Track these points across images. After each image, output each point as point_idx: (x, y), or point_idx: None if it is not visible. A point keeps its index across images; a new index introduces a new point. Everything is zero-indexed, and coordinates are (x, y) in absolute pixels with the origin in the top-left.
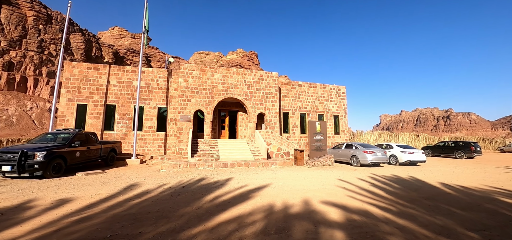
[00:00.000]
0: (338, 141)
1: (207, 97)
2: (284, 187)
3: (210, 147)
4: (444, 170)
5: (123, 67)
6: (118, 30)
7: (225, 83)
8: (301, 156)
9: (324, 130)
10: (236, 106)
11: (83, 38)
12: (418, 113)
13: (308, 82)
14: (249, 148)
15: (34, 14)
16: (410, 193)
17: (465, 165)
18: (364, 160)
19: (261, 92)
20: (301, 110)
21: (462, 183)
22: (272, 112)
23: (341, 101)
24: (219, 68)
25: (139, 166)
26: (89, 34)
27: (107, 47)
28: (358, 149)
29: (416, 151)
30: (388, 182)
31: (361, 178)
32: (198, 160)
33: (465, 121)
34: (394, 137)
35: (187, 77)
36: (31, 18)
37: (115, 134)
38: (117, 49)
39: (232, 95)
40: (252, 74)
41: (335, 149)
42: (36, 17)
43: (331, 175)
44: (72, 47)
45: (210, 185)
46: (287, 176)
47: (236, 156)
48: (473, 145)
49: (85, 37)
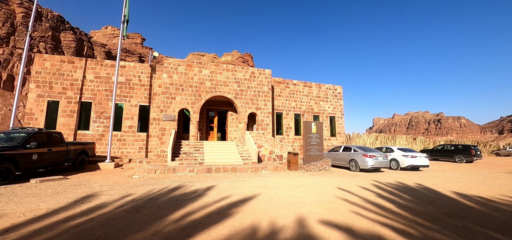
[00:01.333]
0: (334, 144)
1: (194, 95)
2: (274, 199)
3: (194, 150)
4: (450, 176)
5: (101, 61)
6: (111, 29)
7: (214, 80)
8: (295, 160)
9: (320, 131)
10: (226, 106)
11: (74, 36)
12: (410, 117)
13: (303, 81)
14: (238, 150)
15: (23, 11)
16: (426, 207)
17: (469, 169)
18: (364, 165)
19: (253, 90)
20: (296, 110)
21: (478, 193)
22: (264, 113)
23: (338, 101)
24: (207, 64)
25: (112, 171)
26: (81, 33)
27: (99, 46)
28: (357, 152)
29: (419, 155)
30: (395, 192)
31: (364, 186)
32: (179, 164)
33: (455, 125)
34: (391, 140)
35: (171, 72)
36: (20, 15)
37: (90, 134)
38: (110, 49)
39: (221, 93)
40: (243, 71)
41: (332, 152)
42: (25, 14)
43: (329, 183)
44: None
45: (185, 196)
46: (278, 183)
47: (223, 160)
48: (473, 149)
49: (76, 35)
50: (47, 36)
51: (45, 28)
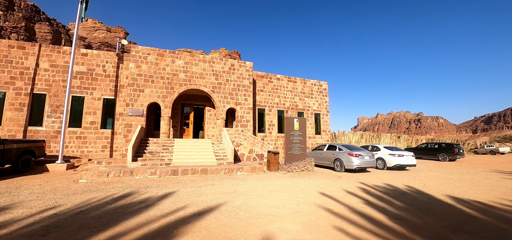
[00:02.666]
0: (319, 142)
1: (165, 88)
2: (240, 211)
3: (163, 148)
4: (438, 175)
5: (58, 48)
6: (92, 22)
7: (189, 71)
8: (276, 159)
9: (303, 128)
10: (204, 101)
11: (50, 28)
12: (392, 116)
13: (287, 76)
14: (213, 149)
15: None
16: (423, 217)
17: (455, 168)
18: (349, 165)
19: (232, 84)
20: (279, 107)
21: (474, 197)
22: (245, 108)
23: (323, 98)
24: (181, 53)
25: (59, 174)
26: (58, 25)
27: (78, 40)
28: (343, 151)
29: (406, 154)
30: (385, 197)
31: (349, 190)
32: (141, 165)
33: (434, 124)
34: (376, 138)
35: (140, 62)
36: None
37: (44, 131)
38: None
39: (197, 87)
40: (221, 62)
41: (316, 151)
42: None
43: (310, 186)
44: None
45: (127, 208)
46: (252, 188)
47: (194, 160)
48: (456, 147)
49: (53, 27)
50: (20, 27)
51: (18, 18)
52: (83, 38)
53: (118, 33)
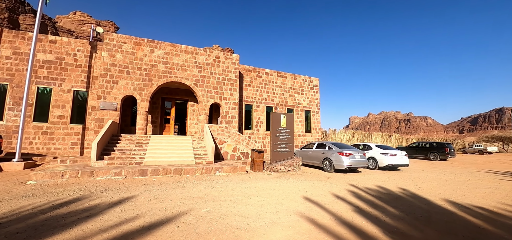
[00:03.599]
0: (309, 140)
1: (142, 80)
2: (202, 223)
3: (136, 146)
4: (432, 176)
5: (23, 33)
6: (80, 15)
7: (169, 63)
8: (260, 158)
9: (291, 125)
10: (186, 95)
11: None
12: (383, 116)
13: (276, 71)
14: (193, 147)
15: None
16: (423, 229)
17: (447, 168)
18: (339, 164)
19: (217, 77)
20: (268, 103)
21: (475, 201)
22: (230, 104)
23: (314, 95)
24: (161, 43)
25: (13, 174)
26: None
27: (65, 33)
28: (332, 150)
29: (399, 153)
30: (379, 203)
31: (338, 193)
32: (107, 164)
33: (423, 124)
34: (367, 137)
35: (114, 51)
36: None
37: (4, 125)
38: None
39: (178, 79)
40: (206, 54)
41: (304, 150)
42: None
43: (294, 189)
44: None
45: (63, 219)
46: (227, 192)
47: (170, 159)
48: (448, 147)
49: None
50: (3, 18)
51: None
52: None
53: (108, 27)
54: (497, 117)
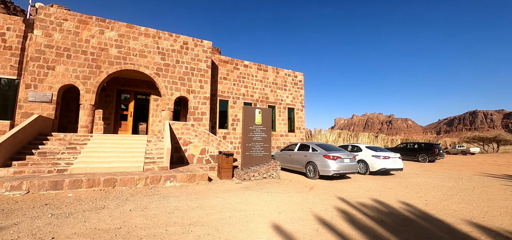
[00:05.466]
0: (292, 141)
1: (88, 67)
2: None
3: (67, 148)
4: (431, 183)
5: None
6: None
7: (124, 47)
8: (229, 163)
9: (267, 121)
10: (149, 87)
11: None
12: (366, 117)
13: (257, 64)
14: (146, 149)
15: None
16: None
17: (442, 171)
18: (325, 170)
19: (184, 67)
20: (246, 98)
21: (506, 224)
22: (200, 98)
23: (298, 91)
24: (114, 23)
25: None
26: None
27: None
28: (317, 152)
29: (392, 155)
30: (379, 231)
31: (324, 217)
32: (14, 172)
33: (403, 125)
34: (354, 137)
35: (51, 29)
36: None
37: None
38: None
39: (135, 67)
40: (171, 38)
41: (285, 152)
42: None
43: (263, 209)
44: None
45: None
46: (159, 219)
47: (109, 164)
48: (437, 148)
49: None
50: None
51: None
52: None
53: None
54: (470, 119)
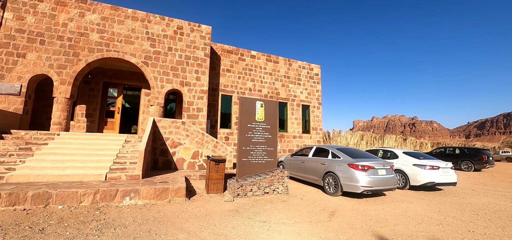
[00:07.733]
0: (307, 143)
1: (64, 54)
2: None
3: (20, 149)
4: (503, 205)
5: None
6: None
7: (108, 32)
8: (220, 172)
9: (272, 117)
10: (139, 80)
11: None
12: (387, 120)
13: (266, 54)
14: (120, 151)
15: None
16: None
17: (504, 186)
18: (351, 184)
19: (178, 55)
20: (253, 93)
21: None
22: (196, 91)
23: (314, 86)
24: (97, 4)
25: None
26: None
27: None
28: (340, 159)
29: (442, 165)
30: None
31: None
32: None
33: (428, 128)
34: (379, 140)
35: (24, 11)
36: None
37: None
38: None
39: (120, 55)
40: (163, 23)
41: (296, 158)
42: None
43: None
44: None
45: None
46: None
47: (64, 171)
48: (485, 154)
49: None
50: None
51: None
52: None
53: None
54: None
